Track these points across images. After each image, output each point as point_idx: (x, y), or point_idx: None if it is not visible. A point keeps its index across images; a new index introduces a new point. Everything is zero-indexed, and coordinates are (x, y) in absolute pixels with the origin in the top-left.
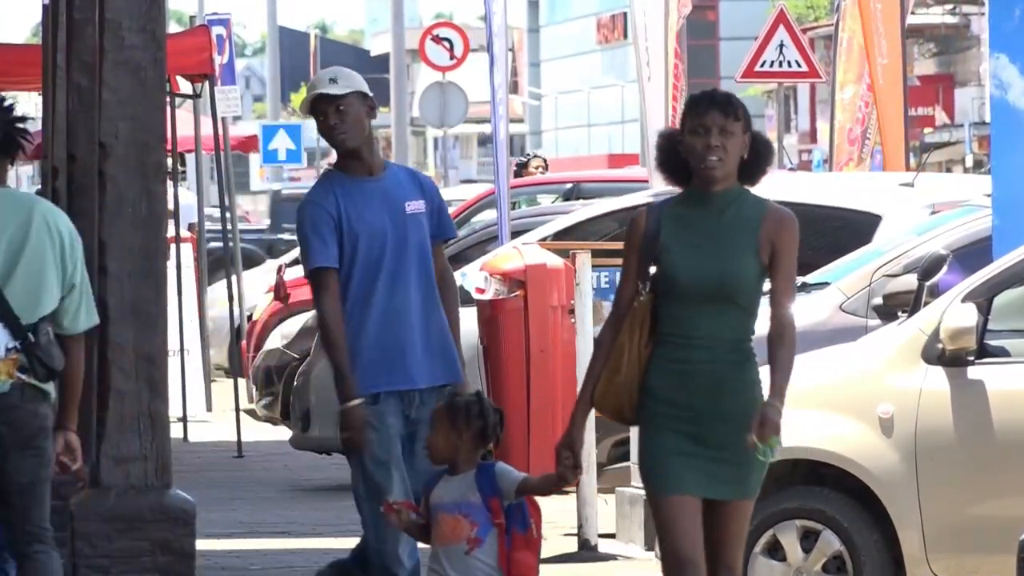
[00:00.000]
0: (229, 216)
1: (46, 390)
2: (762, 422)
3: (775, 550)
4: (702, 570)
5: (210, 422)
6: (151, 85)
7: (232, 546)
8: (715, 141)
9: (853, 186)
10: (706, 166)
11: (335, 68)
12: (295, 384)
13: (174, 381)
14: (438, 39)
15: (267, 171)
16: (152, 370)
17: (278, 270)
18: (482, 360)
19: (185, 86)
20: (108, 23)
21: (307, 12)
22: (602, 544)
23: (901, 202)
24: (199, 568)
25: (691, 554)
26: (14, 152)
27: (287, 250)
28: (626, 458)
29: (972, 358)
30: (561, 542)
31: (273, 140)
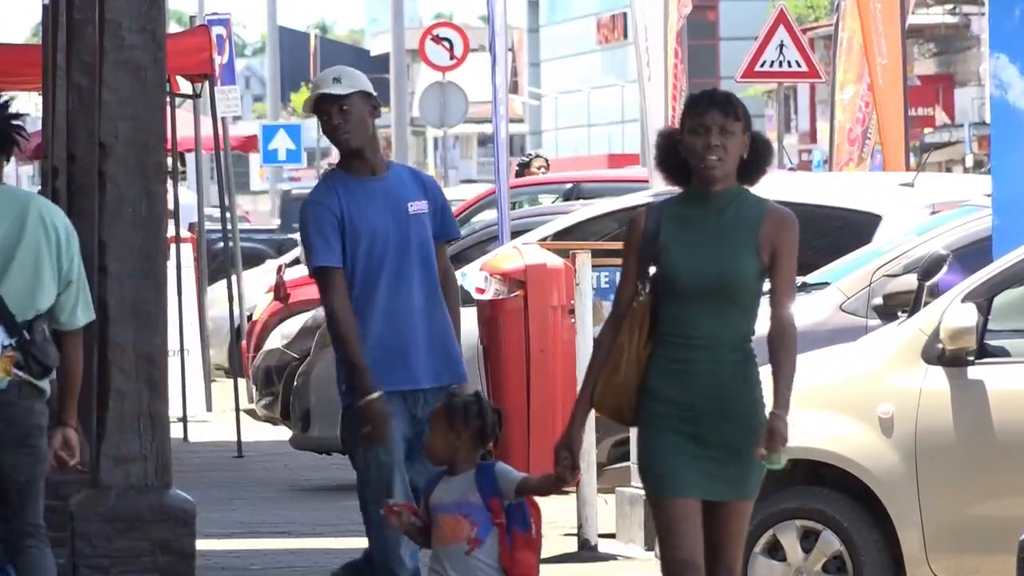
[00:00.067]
0: (229, 216)
1: (42, 387)
2: (770, 434)
3: (775, 550)
4: (702, 572)
5: (210, 422)
6: (151, 85)
7: (232, 546)
8: (715, 141)
9: (853, 186)
10: (706, 166)
11: (339, 67)
12: (295, 384)
13: (174, 381)
14: (438, 39)
15: (267, 171)
16: (152, 370)
17: (278, 270)
18: (482, 360)
19: (185, 86)
20: (108, 23)
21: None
22: (602, 544)
23: (901, 202)
24: (199, 568)
25: (691, 556)
26: (9, 149)
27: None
28: (626, 458)
29: (972, 358)
30: (561, 542)
31: (273, 140)
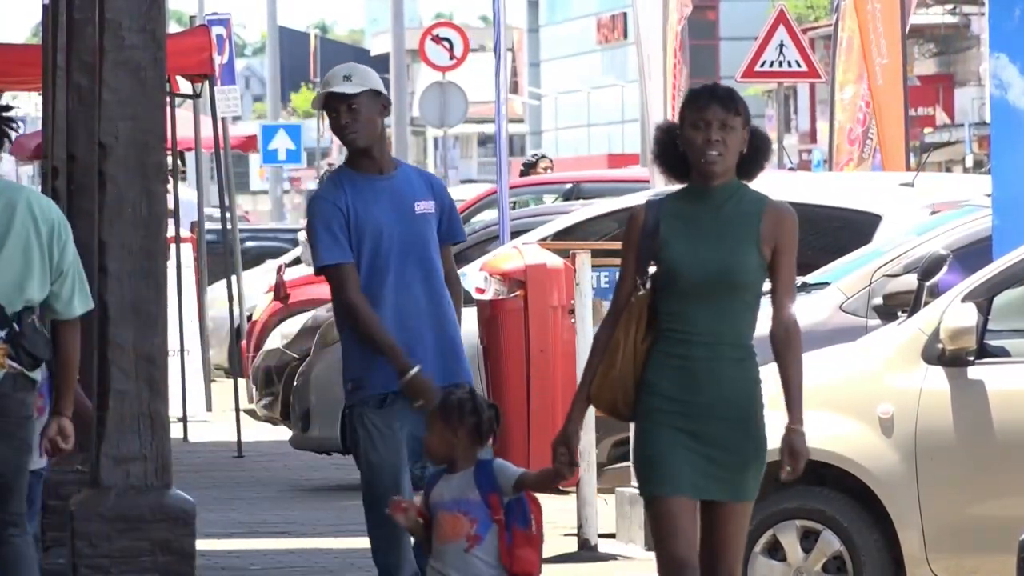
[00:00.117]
0: (229, 216)
1: (33, 378)
2: (791, 452)
3: (775, 550)
4: (697, 571)
5: (210, 422)
6: (151, 85)
7: (232, 546)
8: (715, 135)
9: (853, 186)
10: (706, 160)
11: (350, 64)
12: (295, 384)
13: (174, 381)
14: (438, 39)
15: (267, 171)
16: (152, 370)
17: (278, 270)
18: (482, 360)
19: (185, 86)
20: (108, 23)
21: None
22: (602, 544)
23: (901, 202)
24: (199, 568)
25: (686, 556)
26: None
27: None
28: (626, 458)
29: (972, 358)
30: (561, 542)
31: (273, 140)
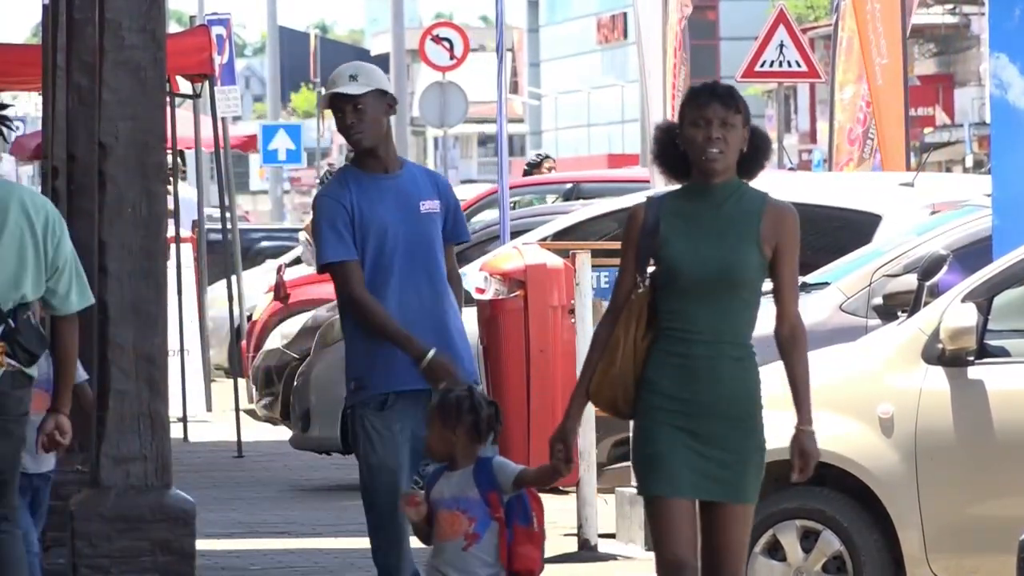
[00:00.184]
0: (229, 216)
1: (30, 374)
2: (802, 454)
3: (775, 550)
4: (696, 572)
5: (210, 422)
6: (151, 85)
7: (232, 546)
8: (716, 133)
9: (853, 186)
10: (707, 158)
11: (356, 64)
12: (295, 384)
13: (174, 381)
14: (438, 39)
15: (267, 171)
16: (152, 370)
17: (278, 270)
18: (482, 360)
19: (185, 86)
20: (108, 23)
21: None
22: (602, 544)
23: (901, 202)
24: (199, 568)
25: (684, 556)
26: None
27: None
28: (626, 458)
29: (972, 358)
30: (561, 542)
31: (273, 140)
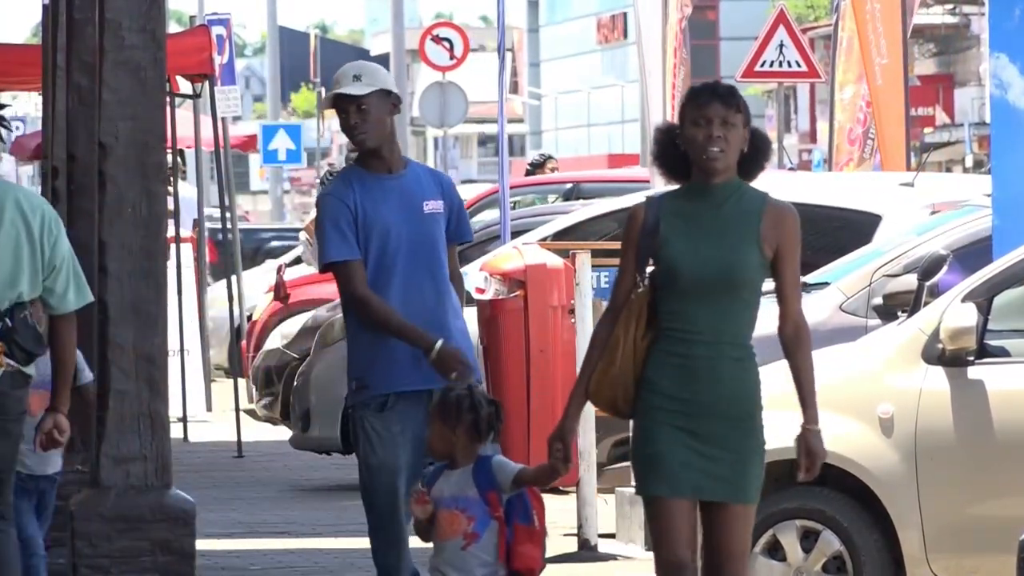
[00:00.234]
0: (229, 216)
1: (28, 373)
2: (808, 454)
3: (775, 550)
4: (695, 572)
5: (210, 422)
6: (151, 85)
7: (232, 546)
8: (717, 132)
9: (853, 186)
10: (708, 157)
11: (360, 63)
12: (295, 384)
13: (174, 381)
14: (438, 39)
15: (267, 171)
16: (152, 370)
17: (278, 270)
18: (482, 360)
19: (185, 86)
20: (108, 23)
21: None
22: (602, 544)
23: (901, 202)
24: (199, 568)
25: (683, 556)
26: None
27: None
28: (626, 458)
29: (972, 358)
30: (561, 542)
31: (273, 140)
